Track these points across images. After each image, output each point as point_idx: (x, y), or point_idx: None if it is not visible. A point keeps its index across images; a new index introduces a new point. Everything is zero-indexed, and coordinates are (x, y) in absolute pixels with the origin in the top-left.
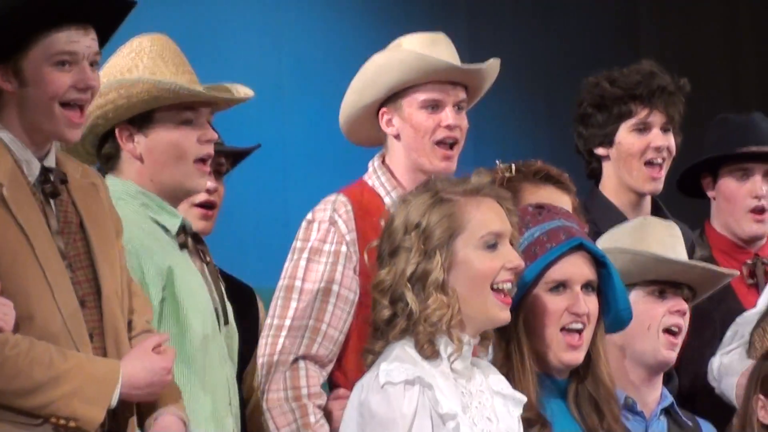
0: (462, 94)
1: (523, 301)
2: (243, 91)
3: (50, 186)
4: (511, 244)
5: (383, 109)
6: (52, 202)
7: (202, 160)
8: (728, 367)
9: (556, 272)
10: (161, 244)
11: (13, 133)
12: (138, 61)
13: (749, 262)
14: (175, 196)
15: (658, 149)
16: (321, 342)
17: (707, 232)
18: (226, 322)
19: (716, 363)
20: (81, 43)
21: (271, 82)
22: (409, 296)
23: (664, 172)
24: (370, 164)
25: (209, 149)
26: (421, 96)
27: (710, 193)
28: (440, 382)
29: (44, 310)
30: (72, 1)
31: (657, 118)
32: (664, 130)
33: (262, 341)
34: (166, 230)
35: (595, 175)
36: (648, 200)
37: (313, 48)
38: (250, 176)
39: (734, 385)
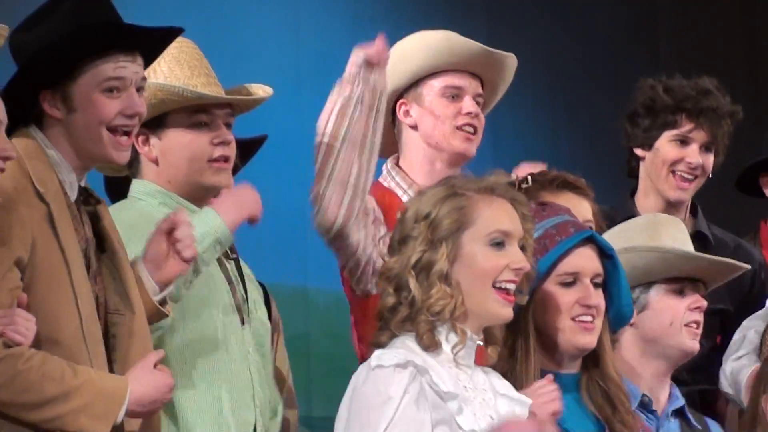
0: (479, 89)
1: (534, 295)
2: (260, 91)
3: (92, 208)
4: (523, 249)
5: (401, 100)
6: (86, 220)
7: (217, 160)
8: (739, 372)
9: (567, 265)
10: None
11: (60, 151)
12: (155, 65)
13: None
14: (196, 196)
15: (691, 165)
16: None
17: (761, 232)
18: (249, 316)
19: (728, 369)
20: (129, 69)
21: (290, 80)
22: (413, 284)
23: (693, 186)
24: (383, 168)
25: (223, 151)
26: (441, 83)
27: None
28: (439, 370)
29: (68, 334)
30: (121, 31)
31: (699, 135)
32: (705, 148)
33: None
34: None
35: (634, 174)
36: (682, 211)
37: (331, 45)
38: (268, 174)
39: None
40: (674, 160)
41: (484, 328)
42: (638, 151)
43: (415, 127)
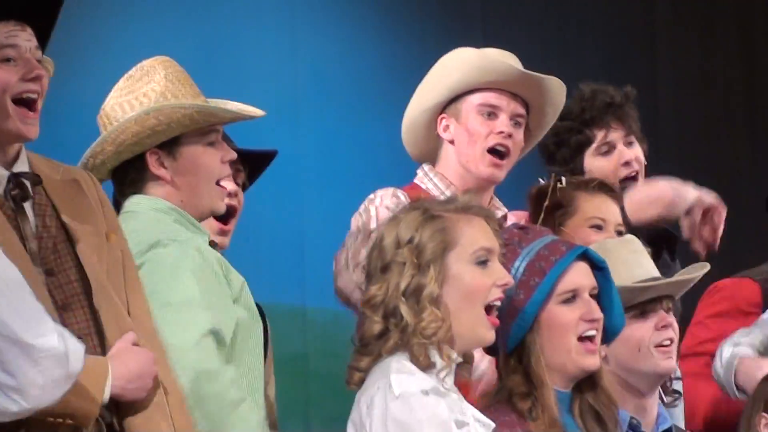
0: (520, 109)
1: (538, 318)
2: (255, 110)
3: (20, 192)
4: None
5: (442, 115)
6: (26, 207)
7: (219, 181)
8: (734, 356)
9: (566, 282)
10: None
11: None
12: (155, 85)
13: None
14: (200, 217)
15: (627, 163)
16: None
17: None
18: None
19: (727, 354)
20: (20, 38)
21: (288, 97)
22: (404, 309)
23: (641, 181)
24: (419, 170)
25: (229, 169)
26: (478, 99)
27: None
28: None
29: None
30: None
31: (616, 135)
32: (628, 143)
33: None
34: None
35: None
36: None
37: (329, 62)
38: (265, 191)
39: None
40: (612, 170)
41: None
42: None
43: (452, 143)
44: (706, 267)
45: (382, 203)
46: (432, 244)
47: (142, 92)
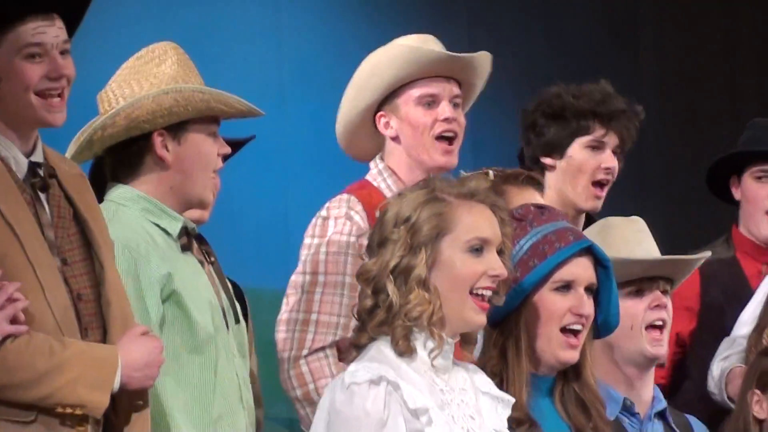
0: (456, 89)
1: (528, 299)
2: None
3: (40, 180)
4: (500, 253)
5: (380, 113)
6: (42, 196)
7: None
8: (724, 371)
9: (564, 272)
10: (161, 249)
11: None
12: (166, 68)
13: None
14: (188, 205)
15: (607, 170)
16: (347, 336)
17: (733, 234)
18: (237, 321)
19: (716, 371)
20: (48, 34)
21: (272, 86)
22: (391, 288)
23: (605, 193)
24: (373, 165)
25: (221, 163)
26: (416, 92)
27: (736, 194)
28: (414, 378)
29: (35, 309)
30: None
31: (611, 140)
32: (614, 152)
33: (284, 335)
34: (167, 234)
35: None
36: (582, 218)
37: (313, 52)
38: (249, 178)
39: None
40: (593, 168)
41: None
42: (547, 160)
43: (396, 139)
44: (707, 253)
45: (337, 224)
46: (427, 227)
47: (152, 73)
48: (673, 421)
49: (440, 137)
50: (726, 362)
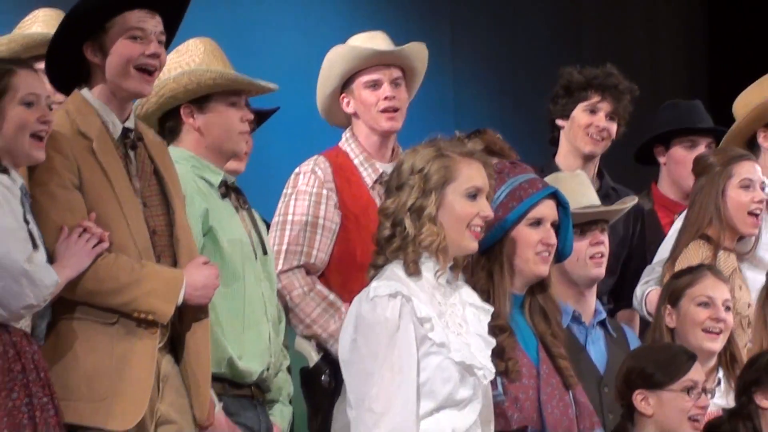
0: (396, 73)
1: (508, 233)
2: (269, 84)
3: (131, 141)
4: (487, 199)
5: (343, 95)
6: (131, 153)
7: (243, 132)
8: (644, 293)
9: (536, 212)
10: (203, 193)
11: (102, 100)
12: (195, 57)
13: (679, 213)
14: (224, 158)
15: (599, 129)
16: (313, 263)
17: (653, 191)
18: (264, 252)
19: (638, 292)
20: (149, 23)
21: (301, 72)
22: (408, 222)
23: (602, 145)
24: (343, 135)
25: (247, 126)
26: (364, 78)
27: (661, 159)
28: (420, 294)
29: (121, 237)
30: None
31: (604, 106)
32: (610, 117)
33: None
34: (210, 184)
35: (555, 142)
36: (593, 167)
37: (332, 41)
38: (280, 139)
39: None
40: (587, 124)
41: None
42: (559, 122)
43: (355, 114)
44: (634, 200)
45: (304, 177)
46: (436, 176)
47: (184, 62)
48: (611, 327)
49: (384, 110)
50: (646, 286)
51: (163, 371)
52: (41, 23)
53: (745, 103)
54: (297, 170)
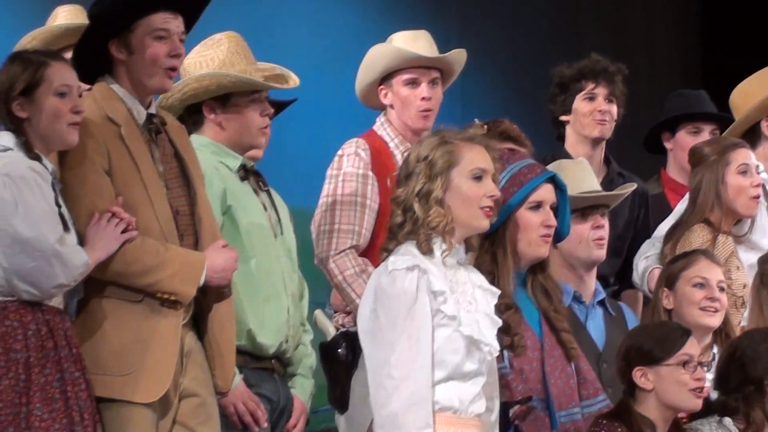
0: (434, 74)
1: (510, 216)
2: (292, 79)
3: (154, 126)
4: (493, 180)
5: (381, 87)
6: (156, 138)
7: (263, 127)
8: (645, 269)
9: (536, 195)
10: (222, 176)
11: (125, 88)
12: (218, 52)
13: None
14: (243, 149)
15: (601, 112)
16: (360, 241)
17: (662, 176)
18: (282, 233)
19: (641, 267)
20: (172, 24)
21: (315, 64)
22: (416, 206)
23: (607, 128)
24: (377, 120)
25: (267, 121)
26: (403, 76)
27: (668, 146)
28: (433, 270)
29: (146, 220)
30: None
31: (601, 91)
32: (609, 100)
33: (317, 242)
34: (229, 168)
35: (561, 138)
36: (600, 152)
37: (347, 36)
38: (298, 128)
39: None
40: (589, 111)
41: (465, 238)
42: (563, 118)
43: (391, 106)
44: (633, 186)
45: (349, 159)
46: (441, 161)
47: (209, 56)
48: (610, 307)
49: (420, 110)
50: (648, 261)
51: (186, 347)
52: (62, 18)
53: (745, 94)
54: (340, 152)
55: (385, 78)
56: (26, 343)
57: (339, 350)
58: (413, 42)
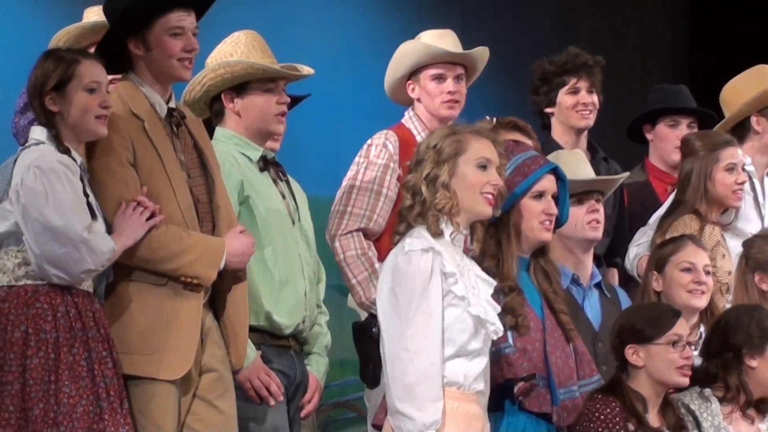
0: (459, 70)
1: (514, 205)
2: (306, 69)
3: (176, 119)
4: (498, 173)
5: (409, 81)
6: (176, 130)
7: (279, 114)
8: (636, 256)
9: (539, 185)
10: (241, 167)
11: (147, 83)
12: (237, 48)
13: (672, 183)
14: (261, 137)
15: (584, 104)
16: (372, 227)
17: (646, 164)
18: (299, 219)
19: (632, 254)
20: (186, 21)
21: (328, 62)
22: (424, 190)
23: (591, 117)
24: (405, 113)
25: (284, 108)
26: (430, 72)
27: (649, 136)
28: (444, 253)
29: (169, 208)
30: None
31: (583, 84)
32: (590, 91)
33: (330, 219)
34: (250, 160)
35: (547, 128)
36: (584, 139)
37: (359, 35)
38: (313, 122)
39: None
40: (573, 104)
41: (471, 225)
42: (548, 110)
43: (419, 99)
44: (625, 174)
45: (376, 149)
46: (449, 149)
47: (227, 51)
48: (605, 289)
49: (446, 101)
50: (639, 248)
51: (205, 326)
52: (94, 18)
53: (735, 90)
54: (369, 142)
55: (413, 73)
56: (56, 324)
57: (373, 329)
58: (440, 39)
